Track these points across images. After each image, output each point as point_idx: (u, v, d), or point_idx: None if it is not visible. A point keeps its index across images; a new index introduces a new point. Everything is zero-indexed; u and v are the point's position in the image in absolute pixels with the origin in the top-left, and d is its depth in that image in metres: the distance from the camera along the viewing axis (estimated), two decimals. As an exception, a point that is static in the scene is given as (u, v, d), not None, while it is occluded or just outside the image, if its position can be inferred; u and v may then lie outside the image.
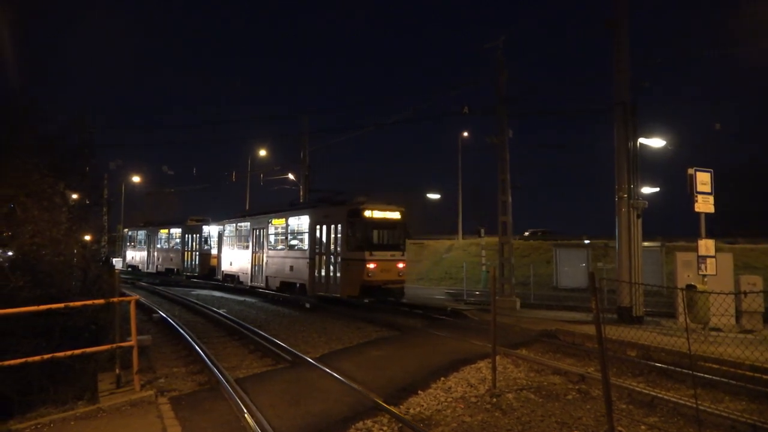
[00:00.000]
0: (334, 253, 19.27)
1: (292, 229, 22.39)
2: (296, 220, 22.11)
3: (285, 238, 22.96)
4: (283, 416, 6.15)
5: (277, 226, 23.55)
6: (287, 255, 22.53)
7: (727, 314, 12.08)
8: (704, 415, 6.26)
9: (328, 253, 19.65)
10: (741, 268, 23.12)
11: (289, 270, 22.26)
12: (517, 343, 11.01)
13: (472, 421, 6.32)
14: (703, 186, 11.24)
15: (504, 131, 17.74)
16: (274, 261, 23.58)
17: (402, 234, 19.64)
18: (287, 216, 22.76)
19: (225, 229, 29.27)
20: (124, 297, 7.64)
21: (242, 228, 26.89)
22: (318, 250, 20.19)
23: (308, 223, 20.87)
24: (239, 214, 29.35)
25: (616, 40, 14.19)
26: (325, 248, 19.80)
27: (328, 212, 19.92)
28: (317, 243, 20.26)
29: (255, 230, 25.36)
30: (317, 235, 20.27)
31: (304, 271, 20.86)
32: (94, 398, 6.83)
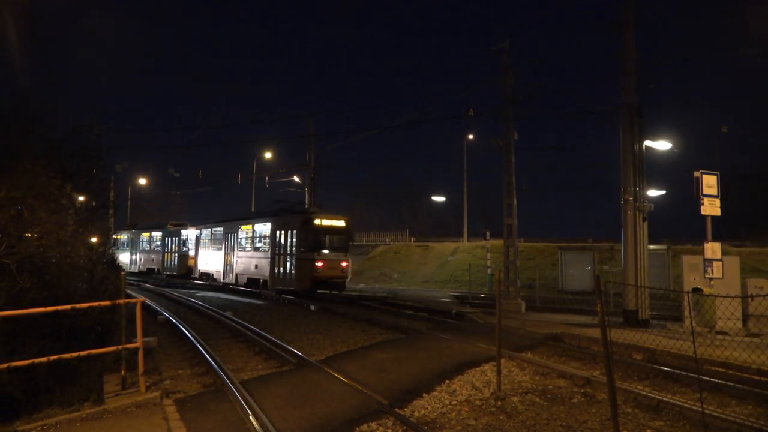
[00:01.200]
0: (290, 254, 23.45)
1: (257, 234, 26.61)
2: (261, 226, 26.33)
3: (251, 241, 27.07)
4: (288, 418, 6.16)
5: (246, 231, 27.61)
6: (253, 256, 26.68)
7: (734, 318, 12.01)
8: (710, 419, 6.23)
9: (285, 254, 23.77)
10: (748, 271, 23.02)
11: (254, 268, 26.37)
12: (522, 346, 10.98)
13: (476, 424, 6.31)
14: (709, 189, 11.19)
15: (509, 134, 17.73)
16: (242, 261, 27.64)
17: (346, 239, 24.03)
18: (253, 223, 27.03)
19: (202, 233, 33.19)
20: (130, 299, 7.68)
21: (216, 232, 30.91)
22: (278, 252, 24.27)
23: (270, 229, 25.09)
24: (214, 220, 33.12)
25: (622, 42, 14.18)
26: (283, 250, 23.91)
27: (287, 220, 24.14)
28: (277, 245, 24.36)
29: (227, 234, 29.34)
30: (277, 239, 24.39)
31: (266, 268, 25.07)
32: (99, 399, 6.86)
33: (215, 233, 31.20)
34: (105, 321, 8.69)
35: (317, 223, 22.85)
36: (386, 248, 43.29)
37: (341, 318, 16.65)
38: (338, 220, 23.70)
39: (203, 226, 33.44)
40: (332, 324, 15.08)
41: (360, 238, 51.99)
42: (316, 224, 22.77)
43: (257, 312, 17.90)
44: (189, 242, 35.86)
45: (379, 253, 42.25)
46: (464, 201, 41.57)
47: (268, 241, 25.28)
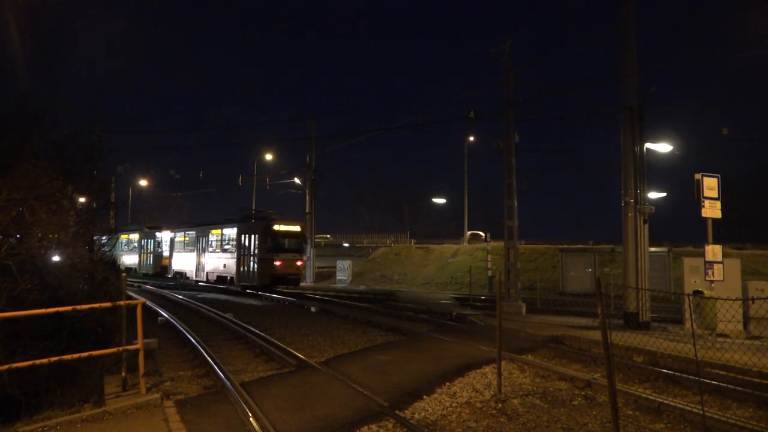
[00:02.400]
0: (253, 255, 27.15)
1: (225, 237, 30.31)
2: (228, 231, 30.03)
3: (220, 243, 30.74)
4: (288, 420, 6.16)
5: (215, 235, 31.33)
6: (221, 256, 30.32)
7: (735, 320, 11.98)
8: (711, 422, 6.22)
9: (249, 255, 27.51)
10: (749, 273, 22.98)
11: (223, 267, 30.07)
12: (522, 349, 10.97)
13: (477, 426, 6.31)
14: (710, 191, 11.18)
15: (510, 136, 17.74)
16: (212, 261, 31.35)
17: (301, 241, 28.33)
18: (222, 227, 30.74)
19: (176, 236, 36.70)
20: (131, 300, 7.68)
21: (190, 235, 34.56)
22: (243, 252, 27.99)
23: (236, 233, 28.79)
24: (187, 224, 37.24)
25: (623, 45, 14.19)
26: (247, 251, 27.68)
27: (250, 225, 28.03)
28: (242, 247, 28.04)
29: (199, 237, 33.04)
30: (242, 241, 28.05)
31: (233, 267, 28.74)
32: (100, 401, 6.86)
33: (188, 236, 34.86)
34: (106, 322, 8.70)
35: (276, 229, 26.89)
36: (387, 250, 43.26)
37: (342, 320, 16.64)
38: (294, 226, 27.92)
39: (177, 230, 36.91)
40: (332, 326, 15.07)
41: (360, 239, 52.01)
42: (275, 229, 26.84)
43: (258, 314, 17.90)
44: (164, 243, 38.62)
45: (380, 254, 42.22)
46: (465, 203, 41.58)
47: (235, 244, 28.92)
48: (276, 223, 27.07)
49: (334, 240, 53.38)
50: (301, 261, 28.18)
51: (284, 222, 27.56)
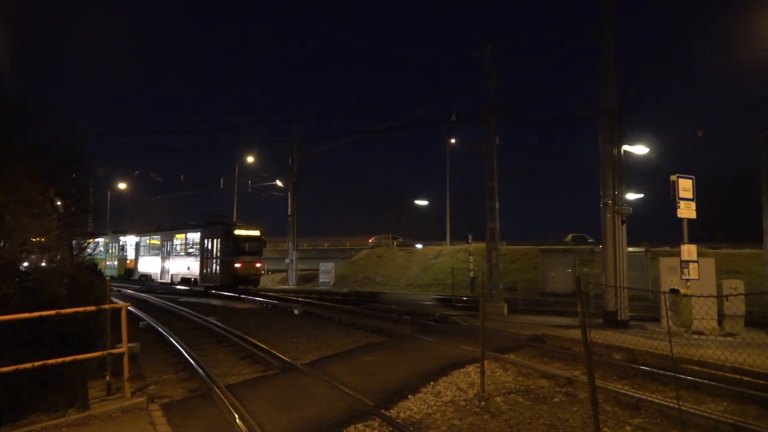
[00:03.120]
0: (216, 257, 29.35)
1: (189, 241, 32.39)
2: (192, 235, 32.13)
3: (185, 247, 32.81)
4: (275, 421, 6.21)
5: (180, 239, 33.34)
6: (185, 259, 32.48)
7: (710, 318, 12.32)
8: (687, 416, 6.42)
9: (212, 257, 29.71)
10: (724, 272, 23.49)
11: (187, 269, 32.15)
12: (505, 348, 11.13)
13: (461, 424, 6.42)
14: (685, 192, 11.48)
15: (492, 138, 17.96)
16: (177, 264, 33.35)
17: (260, 245, 30.46)
18: (186, 232, 32.88)
19: (141, 240, 38.58)
20: (115, 304, 7.66)
21: (155, 239, 36.58)
22: (206, 255, 30.19)
23: (200, 237, 30.85)
24: (152, 229, 39.28)
25: (603, 50, 14.48)
26: (210, 254, 29.85)
27: (213, 230, 29.95)
28: (205, 251, 30.25)
29: (164, 242, 35.05)
30: (205, 245, 30.25)
31: (197, 269, 30.88)
32: (84, 405, 6.82)
33: (153, 240, 36.95)
34: (89, 327, 8.62)
35: (237, 233, 29.26)
36: (370, 252, 43.33)
37: (326, 322, 16.69)
38: (254, 230, 30.26)
39: (143, 234, 39.09)
40: (316, 328, 15.12)
41: (343, 242, 52.01)
42: (236, 234, 29.19)
43: (241, 317, 17.85)
44: (128, 247, 40.67)
45: (363, 257, 42.27)
46: (447, 205, 41.86)
47: (198, 247, 31.13)
48: (236, 228, 29.77)
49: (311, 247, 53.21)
50: (260, 263, 30.48)
51: (244, 227, 30.29)
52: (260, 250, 30.58)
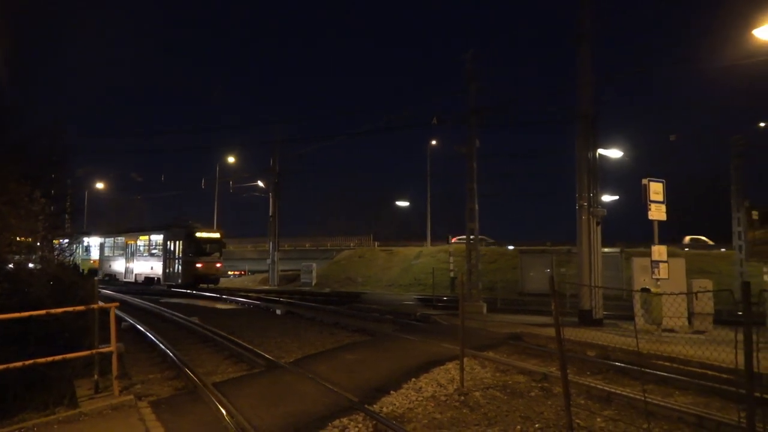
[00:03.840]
0: (178, 258, 31.76)
1: (153, 243, 34.60)
2: (155, 237, 34.29)
3: (148, 248, 35.06)
4: (263, 416, 6.42)
5: (144, 240, 35.52)
6: (149, 259, 34.68)
7: (681, 316, 12.83)
8: (655, 408, 6.79)
9: (174, 258, 32.06)
10: (695, 272, 24.20)
11: (150, 269, 34.20)
12: (484, 346, 11.46)
13: (442, 417, 6.71)
14: (656, 195, 11.95)
15: (472, 141, 18.34)
16: (141, 264, 35.47)
17: (219, 246, 33.23)
18: (149, 234, 35.08)
19: (105, 241, 40.97)
20: (104, 304, 7.78)
21: (119, 241, 38.82)
22: (169, 256, 32.48)
23: (163, 239, 33.15)
24: (116, 231, 41.56)
25: (579, 57, 14.93)
26: (173, 255, 32.23)
27: (175, 232, 32.45)
28: (168, 252, 32.58)
29: (128, 243, 37.21)
30: (168, 246, 32.62)
31: (160, 269, 33.15)
32: (73, 403, 6.95)
33: (118, 241, 39.07)
34: (74, 327, 8.71)
35: (198, 235, 31.92)
36: (351, 253, 43.53)
37: (308, 322, 16.86)
38: (214, 233, 33.69)
39: (107, 236, 41.35)
40: (299, 328, 15.29)
41: (325, 242, 52.09)
42: (197, 236, 31.83)
43: (224, 317, 17.94)
44: (92, 248, 42.06)
45: (344, 257, 42.45)
46: (428, 206, 42.26)
47: (161, 248, 33.40)
48: (198, 231, 32.39)
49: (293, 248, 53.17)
50: (219, 263, 33.43)
51: (205, 230, 33.38)
52: (220, 251, 33.42)
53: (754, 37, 9.87)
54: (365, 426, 6.25)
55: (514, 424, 6.45)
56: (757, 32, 9.70)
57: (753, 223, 24.96)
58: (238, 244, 57.87)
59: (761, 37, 9.75)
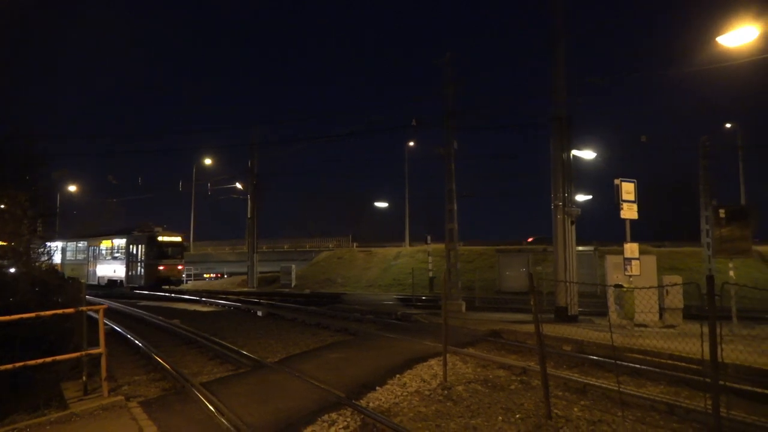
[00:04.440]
0: (141, 261, 33.47)
1: (116, 247, 36.37)
2: (118, 241, 36.00)
3: (111, 252, 36.72)
4: (253, 413, 6.59)
5: (106, 245, 37.25)
6: (112, 263, 36.27)
7: (652, 311, 13.30)
8: (628, 398, 7.15)
9: (137, 261, 33.80)
10: (667, 269, 24.98)
11: (113, 272, 35.76)
12: (464, 343, 11.77)
13: (426, 410, 6.96)
14: (627, 195, 12.40)
15: (450, 143, 18.66)
16: (104, 267, 37.03)
17: (181, 249, 35.25)
18: (112, 239, 36.72)
19: (67, 246, 41.53)
20: (92, 306, 7.85)
21: (81, 245, 39.89)
22: (131, 259, 34.19)
23: (125, 243, 34.94)
24: (77, 235, 41.78)
25: (553, 60, 15.36)
26: (135, 258, 33.98)
27: (138, 237, 33.97)
28: (131, 255, 34.30)
29: (90, 247, 38.76)
30: (131, 250, 34.38)
31: (122, 272, 34.94)
32: (63, 405, 7.01)
33: (80, 246, 39.99)
34: (60, 330, 8.72)
35: (160, 239, 33.34)
36: (330, 254, 43.60)
37: (290, 323, 16.99)
38: (176, 237, 34.90)
39: (69, 240, 41.72)
40: (281, 329, 15.43)
41: (304, 244, 52.02)
42: (159, 240, 33.28)
43: (205, 319, 17.96)
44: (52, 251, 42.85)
45: (323, 258, 42.51)
46: (406, 207, 42.56)
47: (124, 252, 35.09)
48: (160, 235, 33.69)
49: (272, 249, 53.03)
50: (181, 265, 35.20)
51: (167, 233, 34.31)
52: (181, 254, 35.32)
53: (718, 44, 10.39)
54: (353, 420, 6.47)
55: (496, 415, 6.74)
56: (720, 39, 10.21)
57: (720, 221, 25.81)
58: (217, 247, 57.43)
59: (724, 44, 10.27)
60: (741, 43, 10.18)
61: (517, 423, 6.42)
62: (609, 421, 6.44)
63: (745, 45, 10.24)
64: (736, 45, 10.26)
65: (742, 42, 10.12)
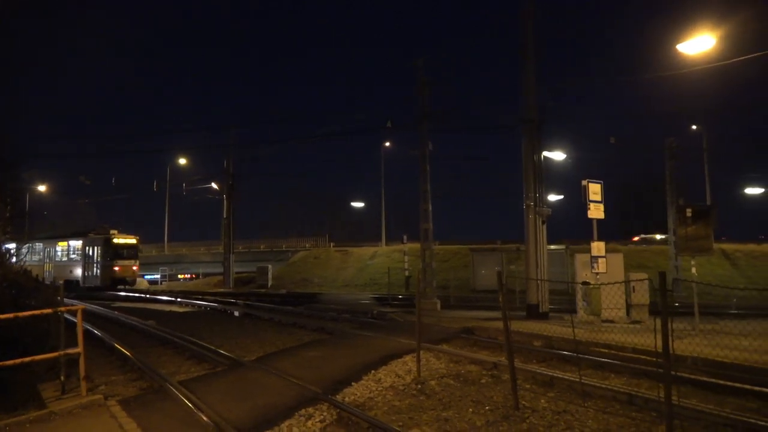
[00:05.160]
0: (97, 262, 35.27)
1: (72, 248, 38.00)
2: (74, 243, 37.73)
3: (67, 253, 38.29)
4: (233, 409, 6.76)
5: (62, 246, 38.69)
6: (68, 264, 37.72)
7: (619, 307, 13.79)
8: (591, 389, 7.53)
9: (93, 262, 35.55)
10: (635, 267, 25.73)
11: (70, 273, 36.73)
12: (438, 340, 12.06)
13: (400, 404, 7.23)
14: (594, 195, 12.86)
15: (425, 145, 19.00)
16: (60, 268, 37.99)
17: (135, 251, 36.39)
18: (68, 240, 38.21)
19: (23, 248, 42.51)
20: (71, 306, 7.91)
21: (37, 247, 39.65)
22: (88, 261, 35.99)
23: (81, 245, 36.69)
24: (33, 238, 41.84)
25: (524, 65, 15.78)
26: (91, 259, 35.81)
27: (94, 239, 35.80)
28: (87, 256, 36.13)
29: (46, 248, 39.52)
30: (87, 251, 36.25)
31: (79, 272, 36.38)
32: (41, 405, 7.08)
33: (35, 247, 39.74)
34: (38, 332, 8.75)
35: (115, 241, 34.93)
36: (306, 254, 43.66)
37: (267, 323, 17.10)
38: (130, 239, 36.22)
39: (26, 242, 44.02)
40: (258, 328, 15.54)
41: (280, 244, 51.92)
42: (114, 242, 34.89)
43: (181, 320, 17.95)
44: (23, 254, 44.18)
45: (300, 258, 42.55)
46: (382, 207, 42.87)
47: (80, 253, 36.73)
48: (115, 237, 35.18)
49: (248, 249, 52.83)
50: (136, 266, 36.57)
51: (122, 236, 35.74)
52: (136, 255, 36.75)
53: (678, 51, 10.88)
54: (330, 414, 6.70)
55: (467, 407, 7.03)
56: (680, 47, 10.70)
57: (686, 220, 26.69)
58: (191, 247, 56.93)
59: (684, 51, 10.77)
60: (699, 51, 10.72)
61: (486, 414, 6.73)
62: (573, 411, 6.78)
63: (703, 53, 10.78)
64: (695, 53, 10.80)
65: (701, 50, 10.66)
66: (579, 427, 6.19)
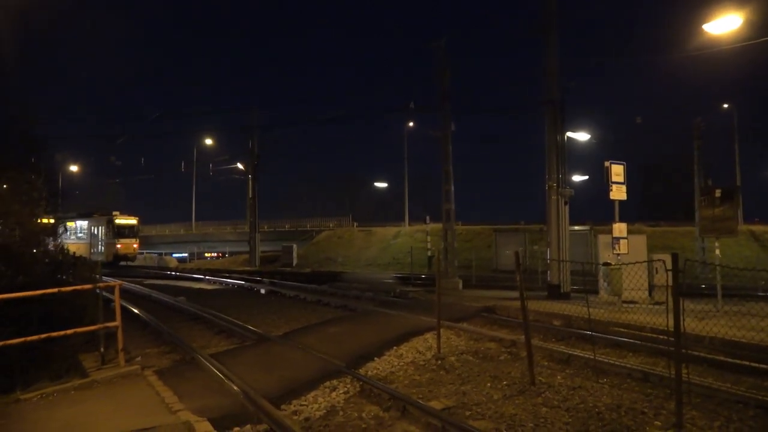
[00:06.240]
0: (101, 240, 39.98)
1: (79, 228, 42.12)
2: (81, 223, 41.98)
3: (75, 232, 41.62)
4: (260, 380, 7.13)
5: (70, 226, 40.27)
6: (75, 242, 39.20)
7: (641, 288, 13.83)
8: (608, 366, 7.72)
9: (98, 240, 40.33)
10: (660, 248, 25.47)
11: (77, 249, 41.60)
12: (459, 318, 12.31)
13: (421, 378, 7.52)
14: (617, 176, 12.84)
15: (447, 125, 19.04)
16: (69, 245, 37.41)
17: (136, 230, 40.38)
18: (76, 220, 41.55)
19: None
20: (109, 282, 8.36)
21: None
22: (93, 240, 40.67)
23: (87, 225, 41.49)
24: None
25: (546, 45, 15.66)
26: (96, 238, 40.58)
27: (98, 219, 40.37)
28: (92, 236, 40.96)
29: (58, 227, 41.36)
30: (93, 231, 41.05)
31: (85, 250, 37.99)
32: (83, 374, 7.55)
33: None
34: (74, 307, 9.23)
35: (117, 222, 38.89)
36: (330, 233, 44.17)
37: (291, 300, 17.57)
38: (131, 219, 40.04)
39: None
40: (283, 306, 15.99)
41: (304, 223, 52.58)
42: (117, 222, 38.87)
43: (209, 297, 18.53)
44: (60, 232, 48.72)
45: (324, 238, 43.09)
46: (405, 187, 42.98)
47: (87, 232, 41.45)
48: (117, 218, 38.99)
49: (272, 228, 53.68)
50: (136, 244, 40.55)
51: (123, 217, 39.56)
52: (136, 234, 40.62)
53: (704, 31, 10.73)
54: (353, 386, 7.02)
55: (485, 382, 7.29)
56: (706, 27, 10.55)
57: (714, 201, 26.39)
58: (218, 227, 58.02)
59: (710, 31, 10.62)
60: (726, 31, 10.55)
61: (503, 389, 6.97)
62: (588, 387, 6.99)
63: (731, 32, 10.61)
64: (722, 32, 10.63)
65: (727, 29, 10.49)
66: (593, 402, 6.40)
